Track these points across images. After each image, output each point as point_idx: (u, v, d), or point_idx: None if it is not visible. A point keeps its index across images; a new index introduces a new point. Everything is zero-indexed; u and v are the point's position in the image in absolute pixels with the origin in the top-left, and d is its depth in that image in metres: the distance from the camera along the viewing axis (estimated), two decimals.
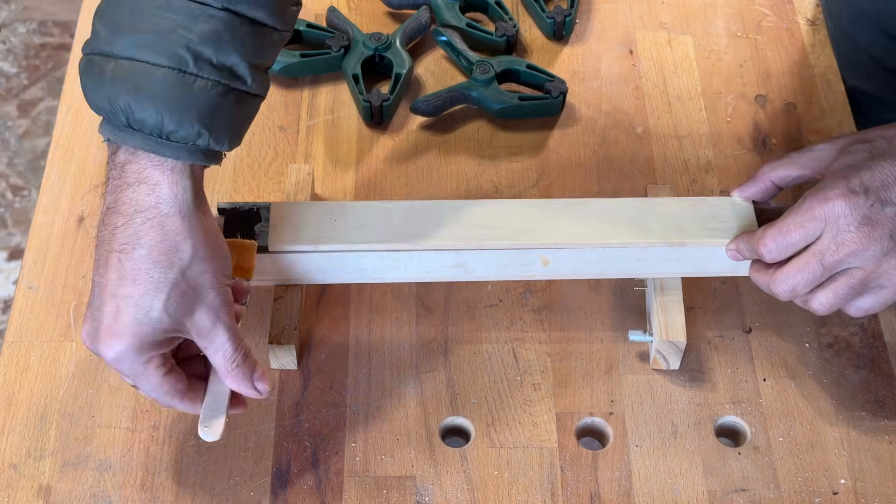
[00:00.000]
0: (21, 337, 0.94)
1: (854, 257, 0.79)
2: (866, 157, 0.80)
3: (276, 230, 0.89)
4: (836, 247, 0.79)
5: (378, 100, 1.07)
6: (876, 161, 0.79)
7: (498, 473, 0.88)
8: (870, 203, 0.78)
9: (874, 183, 0.79)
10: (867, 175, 0.79)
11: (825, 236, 0.80)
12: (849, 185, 0.79)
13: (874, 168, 0.79)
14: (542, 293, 0.97)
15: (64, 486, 0.86)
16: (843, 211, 0.78)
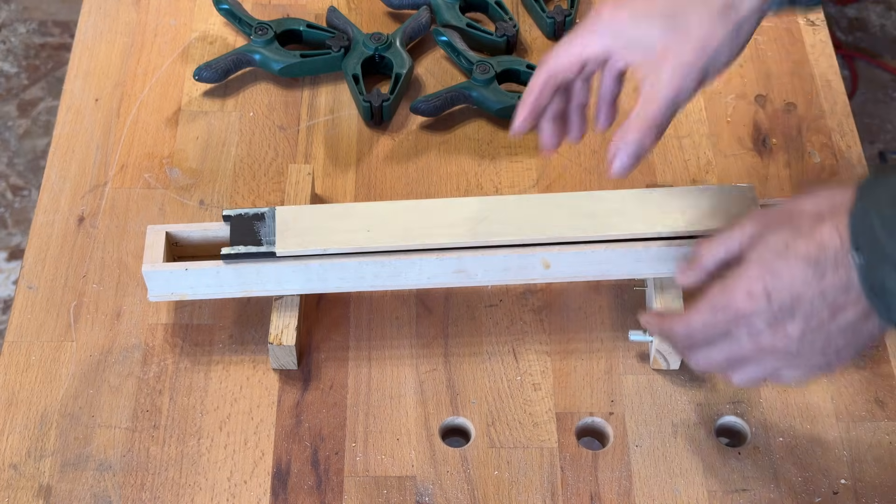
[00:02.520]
0: (21, 337, 0.94)
1: (767, 350, 0.75)
2: (779, 249, 0.72)
3: (282, 235, 0.89)
4: (751, 342, 0.74)
5: (378, 100, 1.07)
6: (785, 259, 0.71)
7: (498, 473, 0.88)
8: (772, 313, 0.72)
9: (778, 290, 0.72)
10: (771, 279, 0.72)
11: (739, 331, 0.74)
12: (751, 288, 0.72)
13: (781, 270, 0.72)
14: (542, 293, 0.97)
15: (64, 486, 0.86)
16: (746, 313, 0.73)
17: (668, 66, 0.77)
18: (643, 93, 0.79)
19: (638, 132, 0.79)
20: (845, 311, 0.71)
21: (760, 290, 0.72)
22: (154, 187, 1.03)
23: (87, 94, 1.10)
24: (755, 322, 0.73)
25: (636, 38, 0.78)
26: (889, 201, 0.68)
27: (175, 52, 1.13)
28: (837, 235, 0.70)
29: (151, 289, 0.91)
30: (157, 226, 0.92)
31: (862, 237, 0.68)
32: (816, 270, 0.70)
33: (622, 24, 0.79)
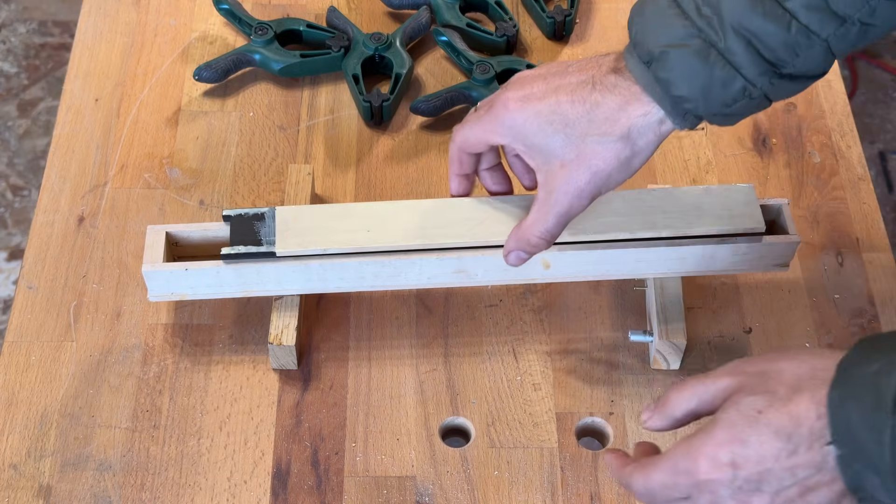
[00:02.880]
0: (21, 337, 0.94)
1: None
2: (751, 416, 0.67)
3: (282, 235, 0.89)
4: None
5: (378, 100, 1.07)
6: (756, 428, 0.66)
7: (498, 473, 0.88)
8: (737, 485, 0.67)
9: (745, 461, 0.67)
10: (739, 448, 0.67)
11: (701, 498, 0.69)
12: (717, 455, 0.67)
13: (750, 439, 0.67)
14: (543, 293, 0.97)
15: (64, 487, 0.86)
16: (709, 482, 0.68)
17: (562, 185, 0.79)
18: (538, 199, 0.81)
19: (532, 246, 0.83)
20: (818, 491, 0.66)
21: (727, 460, 0.67)
22: (154, 187, 1.03)
23: (87, 94, 1.10)
24: (719, 491, 0.68)
25: (537, 145, 0.79)
26: (867, 388, 0.63)
27: (175, 52, 1.13)
28: (815, 411, 0.65)
29: (151, 289, 0.91)
30: (157, 226, 0.92)
31: (838, 426, 0.64)
32: (788, 445, 0.66)
33: (527, 127, 0.79)
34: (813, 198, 1.04)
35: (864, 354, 0.65)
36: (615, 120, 0.76)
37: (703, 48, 0.72)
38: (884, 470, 0.62)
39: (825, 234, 1.02)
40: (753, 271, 0.94)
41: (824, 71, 0.74)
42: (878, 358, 0.64)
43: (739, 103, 0.74)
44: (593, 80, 0.77)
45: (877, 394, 0.62)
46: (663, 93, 0.74)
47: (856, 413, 0.63)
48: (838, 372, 0.65)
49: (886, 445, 0.61)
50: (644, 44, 0.74)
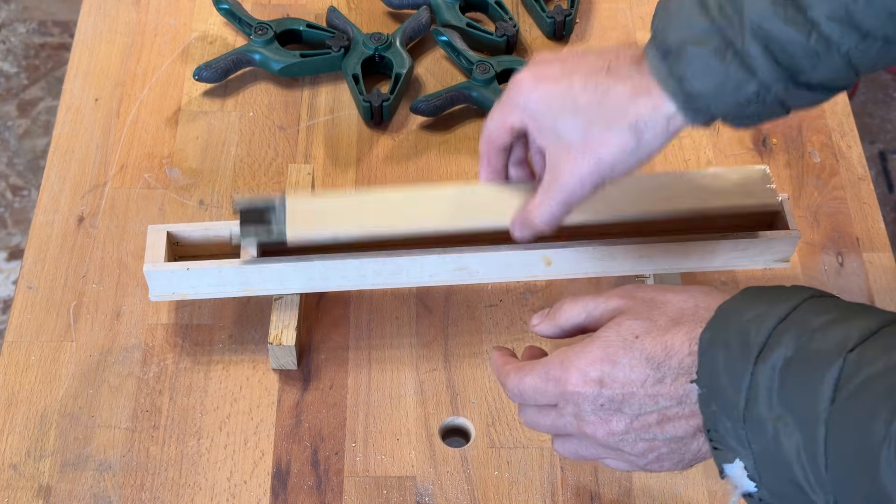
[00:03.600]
0: (21, 337, 0.94)
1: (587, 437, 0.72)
2: (628, 339, 0.69)
3: (292, 222, 0.87)
4: (576, 422, 0.72)
5: (378, 100, 1.07)
6: (629, 352, 0.69)
7: (498, 473, 0.88)
8: (600, 402, 0.69)
9: (612, 381, 0.69)
10: (609, 368, 0.69)
11: (566, 408, 0.72)
12: (587, 370, 0.70)
13: (621, 361, 0.69)
14: (543, 293, 0.97)
15: (64, 487, 0.86)
16: (575, 395, 0.70)
17: (566, 171, 0.78)
18: (544, 182, 0.81)
19: (535, 230, 0.83)
20: (674, 423, 0.69)
21: (595, 376, 0.69)
22: (154, 187, 1.03)
23: (87, 94, 1.10)
24: (583, 405, 0.70)
25: (547, 127, 0.79)
26: (737, 333, 0.65)
27: (175, 51, 1.13)
28: (688, 346, 0.67)
29: (153, 289, 0.91)
30: (158, 225, 0.92)
31: (704, 366, 0.66)
32: (656, 373, 0.68)
33: (538, 107, 0.79)
34: (813, 198, 1.04)
35: (745, 301, 0.66)
36: (624, 109, 0.75)
37: (721, 46, 0.71)
38: (736, 416, 0.64)
39: (825, 233, 1.02)
40: (754, 267, 0.94)
41: (846, 85, 0.73)
42: (756, 307, 0.65)
43: (753, 106, 0.73)
44: (608, 67, 0.76)
45: (744, 342, 0.64)
46: (677, 87, 0.73)
47: (721, 356, 0.65)
48: (716, 314, 0.67)
49: (742, 393, 0.63)
50: (664, 38, 0.73)
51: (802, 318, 0.64)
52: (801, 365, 0.62)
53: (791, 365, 0.62)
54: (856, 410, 0.59)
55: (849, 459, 0.60)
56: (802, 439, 0.61)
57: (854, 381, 0.60)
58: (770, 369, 0.63)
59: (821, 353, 0.61)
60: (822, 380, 0.61)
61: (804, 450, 0.61)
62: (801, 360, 0.62)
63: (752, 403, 0.63)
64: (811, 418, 0.61)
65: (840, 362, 0.61)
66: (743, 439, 0.64)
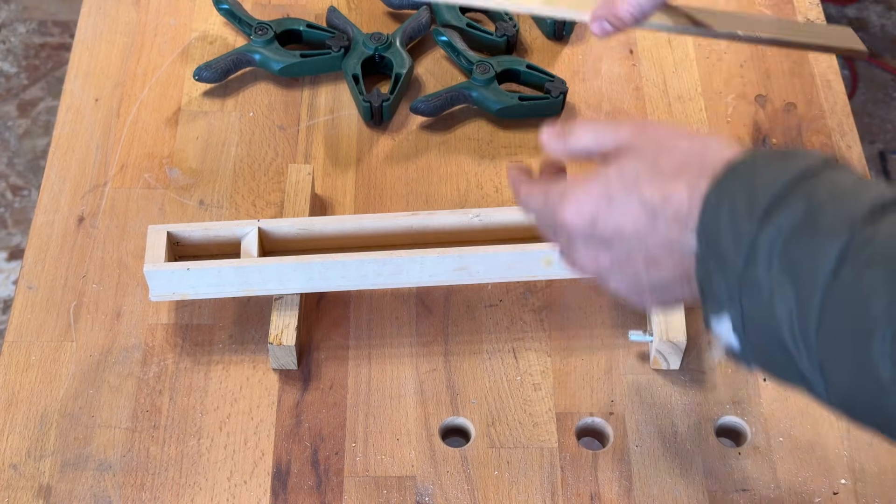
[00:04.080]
0: (21, 337, 0.94)
1: None
2: (629, 180, 0.68)
3: None
4: (567, 248, 0.72)
5: (378, 100, 1.07)
6: (627, 193, 0.68)
7: (498, 473, 0.88)
8: (591, 237, 0.69)
9: (605, 219, 0.68)
10: (604, 206, 0.68)
11: (560, 235, 0.72)
12: (583, 205, 0.69)
13: (617, 201, 0.68)
14: (543, 293, 0.97)
15: (64, 487, 0.86)
16: (567, 225, 0.70)
17: None
18: None
19: (618, 19, 0.80)
20: (660, 268, 0.68)
21: (589, 212, 0.69)
22: (154, 187, 1.03)
23: (87, 94, 1.10)
24: (573, 237, 0.71)
25: None
26: (745, 192, 0.63)
27: (175, 52, 1.13)
28: (687, 198, 0.66)
29: (153, 289, 0.91)
30: (159, 226, 0.92)
31: (706, 221, 0.64)
32: (650, 219, 0.67)
33: None
34: None
35: (757, 160, 0.65)
36: None
37: None
38: (732, 276, 0.62)
39: None
40: None
41: None
42: (769, 166, 0.64)
43: None
44: None
45: (751, 199, 0.62)
46: None
47: (726, 213, 0.63)
48: (725, 168, 0.65)
49: (742, 254, 0.62)
50: None
51: (814, 184, 0.62)
52: (808, 231, 0.60)
53: (797, 230, 0.60)
54: (856, 286, 0.58)
55: (842, 330, 0.58)
56: (797, 305, 0.60)
57: (859, 257, 0.58)
58: (774, 234, 0.61)
59: (829, 222, 0.60)
60: (827, 249, 0.59)
61: (797, 315, 0.60)
62: (809, 226, 0.60)
63: (751, 266, 0.62)
64: (810, 287, 0.59)
65: (848, 234, 0.59)
66: (735, 298, 0.63)
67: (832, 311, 0.59)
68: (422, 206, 1.03)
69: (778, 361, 0.63)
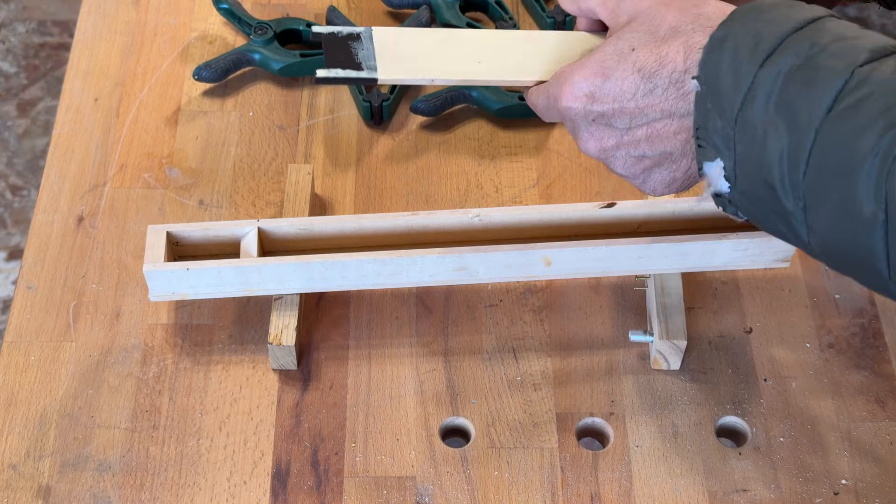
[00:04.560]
0: (20, 337, 0.94)
1: None
2: (624, 51, 0.68)
3: (383, 59, 0.79)
4: (572, 132, 0.73)
5: (378, 100, 1.07)
6: (623, 64, 0.68)
7: (498, 474, 0.87)
8: (591, 118, 0.70)
9: (603, 95, 0.69)
10: (600, 82, 0.69)
11: (566, 123, 0.74)
12: (580, 85, 0.70)
13: (614, 75, 0.68)
14: (543, 293, 0.97)
15: (63, 487, 0.86)
16: (567, 110, 0.71)
17: None
18: None
19: None
20: (663, 139, 0.69)
21: (586, 91, 0.69)
22: (153, 187, 1.03)
23: (87, 94, 1.10)
24: (576, 121, 0.71)
25: None
26: (750, 35, 0.64)
27: (175, 51, 1.13)
28: (682, 55, 0.66)
29: (152, 289, 0.90)
30: (158, 225, 0.92)
31: (709, 64, 0.65)
32: (646, 84, 0.68)
33: None
34: None
35: (763, 6, 0.65)
36: None
37: None
38: (729, 116, 0.64)
39: None
40: (754, 267, 0.94)
41: None
42: (774, 12, 0.65)
43: None
44: None
45: (756, 44, 0.63)
46: None
47: (728, 56, 0.64)
48: (732, 14, 0.66)
49: (741, 94, 0.63)
50: None
51: (818, 31, 0.63)
52: (807, 74, 0.61)
53: (796, 72, 0.62)
54: (849, 122, 0.59)
55: (829, 167, 0.60)
56: (789, 144, 0.61)
57: (855, 94, 0.59)
58: (774, 74, 0.62)
59: (829, 65, 0.61)
60: (824, 90, 0.60)
61: (787, 154, 0.61)
62: (808, 68, 0.61)
63: (748, 105, 0.63)
64: (803, 125, 0.61)
65: (846, 75, 0.60)
66: (729, 140, 0.64)
67: (823, 147, 0.60)
68: (422, 206, 1.02)
69: (764, 203, 0.64)
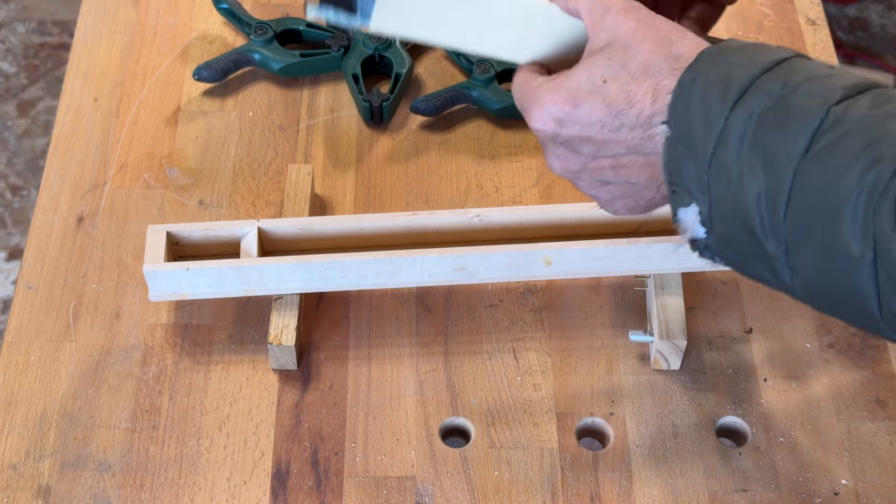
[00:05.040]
0: (20, 337, 0.94)
1: None
2: (596, 82, 0.68)
3: (381, 8, 0.73)
4: (543, 147, 0.73)
5: (378, 100, 1.07)
6: (593, 96, 0.68)
7: (498, 474, 0.87)
8: (559, 141, 0.71)
9: (571, 122, 0.70)
10: (570, 110, 0.69)
11: (537, 136, 0.73)
12: (550, 109, 0.70)
13: (583, 105, 0.68)
14: (543, 293, 0.97)
15: (63, 487, 0.86)
16: (537, 130, 0.72)
17: None
18: None
19: None
20: (628, 170, 0.70)
21: (556, 116, 0.70)
22: (153, 187, 1.03)
23: (87, 94, 1.10)
24: (544, 140, 0.72)
25: None
26: (719, 77, 0.63)
27: (174, 51, 1.13)
28: (651, 99, 0.66)
29: (152, 289, 0.90)
30: (158, 225, 0.92)
31: (678, 107, 0.65)
32: (614, 121, 0.68)
33: None
34: None
35: (730, 48, 0.65)
36: None
37: None
38: (702, 161, 0.63)
39: None
40: None
41: None
42: (743, 53, 0.64)
43: None
44: None
45: (725, 86, 0.63)
46: None
47: (698, 98, 0.64)
48: (699, 56, 0.66)
49: (713, 138, 0.63)
50: None
51: (788, 70, 0.63)
52: (781, 114, 0.61)
53: (769, 113, 0.61)
54: (828, 161, 0.58)
55: (811, 207, 0.59)
56: (766, 185, 0.60)
57: (833, 132, 0.59)
58: (746, 116, 0.61)
59: (803, 104, 0.60)
60: (800, 129, 0.60)
61: (766, 196, 0.61)
62: (782, 108, 0.61)
63: (721, 148, 0.62)
64: (781, 166, 0.60)
65: (822, 114, 0.60)
66: (704, 185, 0.64)
67: (803, 188, 0.59)
68: (422, 206, 1.02)
69: (743, 249, 0.64)
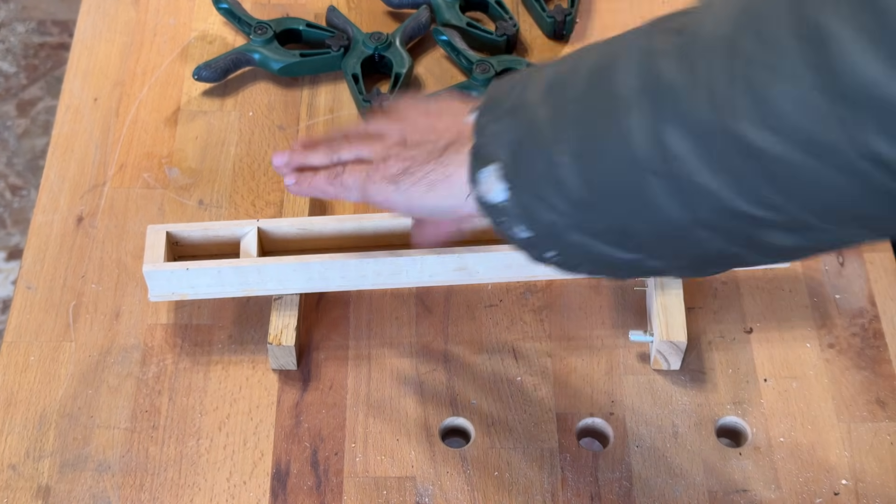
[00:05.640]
0: (20, 337, 0.94)
1: None
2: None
3: None
4: None
5: (378, 100, 1.07)
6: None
7: (498, 474, 0.87)
8: None
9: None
10: None
11: None
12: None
13: None
14: (543, 293, 0.97)
15: (63, 487, 0.86)
16: None
17: None
18: None
19: None
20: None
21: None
22: (153, 187, 1.03)
23: (86, 94, 1.10)
24: None
25: None
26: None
27: (174, 51, 1.13)
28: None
29: (152, 289, 0.90)
30: (158, 225, 0.92)
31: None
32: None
33: None
34: None
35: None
36: None
37: None
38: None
39: None
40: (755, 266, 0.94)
41: None
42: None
43: None
44: None
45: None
46: None
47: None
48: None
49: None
50: None
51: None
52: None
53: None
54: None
55: None
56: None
57: None
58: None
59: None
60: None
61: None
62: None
63: None
64: None
65: None
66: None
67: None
68: None
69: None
